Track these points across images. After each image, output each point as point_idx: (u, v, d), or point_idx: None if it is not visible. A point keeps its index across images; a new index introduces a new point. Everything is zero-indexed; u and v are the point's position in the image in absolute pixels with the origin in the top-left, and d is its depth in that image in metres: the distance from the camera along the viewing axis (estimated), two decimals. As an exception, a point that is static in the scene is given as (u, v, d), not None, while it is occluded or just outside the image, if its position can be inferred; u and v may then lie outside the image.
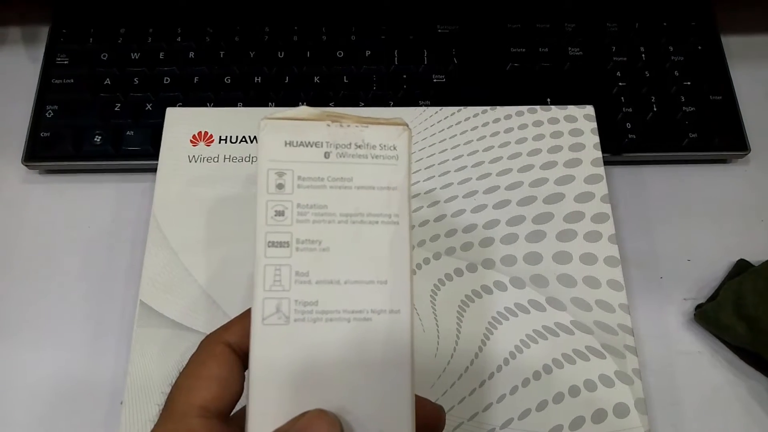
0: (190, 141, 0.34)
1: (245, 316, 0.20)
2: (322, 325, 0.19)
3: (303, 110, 0.20)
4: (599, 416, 0.28)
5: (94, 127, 0.38)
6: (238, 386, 0.20)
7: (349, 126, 0.20)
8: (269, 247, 0.19)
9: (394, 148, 0.20)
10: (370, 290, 0.20)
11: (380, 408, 0.19)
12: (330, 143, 0.20)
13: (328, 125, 0.20)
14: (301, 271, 0.19)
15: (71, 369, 0.33)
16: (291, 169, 0.20)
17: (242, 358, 0.20)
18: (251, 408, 0.19)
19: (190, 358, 0.20)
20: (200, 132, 0.35)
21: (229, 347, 0.20)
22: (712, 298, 0.35)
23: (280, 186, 0.20)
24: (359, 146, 0.20)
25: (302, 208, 0.20)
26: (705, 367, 0.34)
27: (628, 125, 0.39)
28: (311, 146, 0.20)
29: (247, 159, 0.34)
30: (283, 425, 0.18)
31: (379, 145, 0.20)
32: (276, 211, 0.20)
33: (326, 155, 0.20)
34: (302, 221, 0.20)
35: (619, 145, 0.38)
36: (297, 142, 0.20)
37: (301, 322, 0.19)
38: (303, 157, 0.20)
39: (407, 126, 0.21)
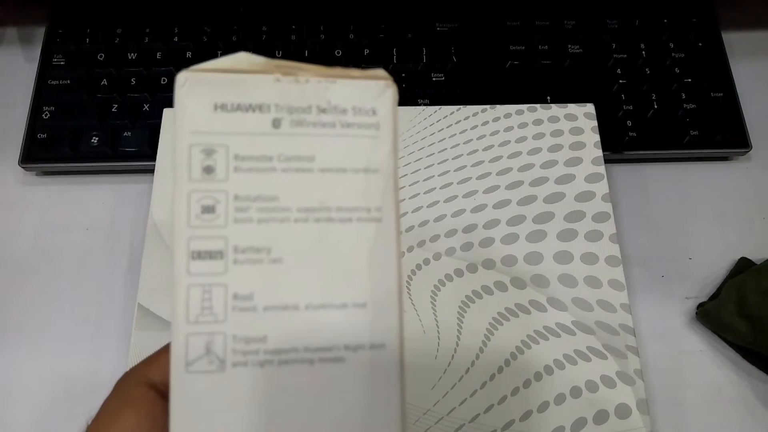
0: (188, 142, 0.34)
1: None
2: (273, 370, 0.14)
3: (241, 58, 0.15)
4: (601, 417, 0.28)
5: (91, 128, 0.38)
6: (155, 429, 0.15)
7: (308, 81, 0.14)
8: (194, 259, 0.14)
9: (374, 113, 0.15)
10: (343, 317, 0.14)
11: None
12: (281, 106, 0.14)
13: (278, 80, 0.14)
14: (242, 294, 0.14)
15: (69, 372, 0.33)
16: (225, 144, 0.14)
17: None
18: None
19: (103, 404, 0.16)
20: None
21: (153, 388, 0.16)
22: (714, 296, 0.35)
23: (208, 169, 0.14)
24: (323, 110, 0.15)
25: (242, 201, 0.14)
26: (707, 367, 0.33)
27: (629, 123, 0.38)
28: (254, 110, 0.14)
29: (245, 160, 0.34)
30: None
31: (352, 109, 0.15)
32: (203, 206, 0.14)
33: (275, 123, 0.14)
34: (242, 220, 0.14)
35: (619, 143, 0.38)
36: (233, 106, 0.14)
37: (242, 367, 0.14)
38: (242, 127, 0.14)
39: (391, 80, 0.15)
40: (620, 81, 0.40)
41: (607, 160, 0.34)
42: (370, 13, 0.42)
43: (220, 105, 0.14)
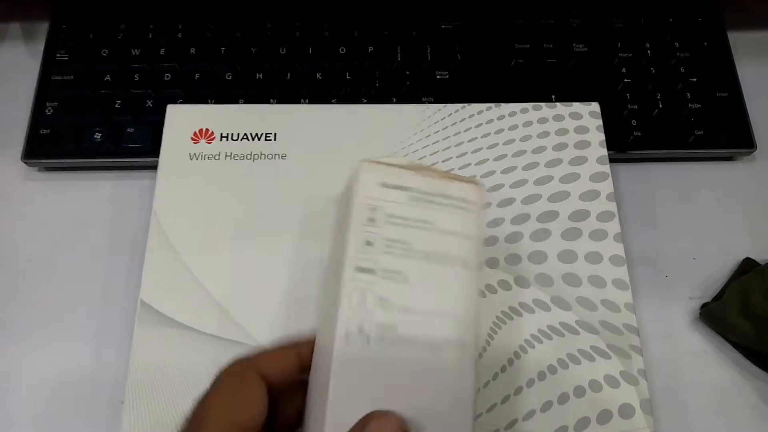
0: (191, 138, 0.34)
1: (279, 351, 0.23)
2: (399, 348, 0.21)
3: (397, 159, 0.24)
4: (604, 417, 0.28)
5: (95, 124, 0.38)
6: (266, 411, 0.21)
7: (435, 178, 0.24)
8: (357, 271, 0.22)
9: (471, 202, 0.24)
10: (444, 322, 0.22)
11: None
12: (419, 190, 0.23)
13: (419, 175, 0.23)
14: (384, 297, 0.21)
15: (72, 368, 0.33)
16: (383, 206, 0.23)
17: (269, 388, 0.22)
18: (329, 413, 0.20)
19: (220, 379, 0.22)
20: (201, 129, 0.34)
21: (264, 379, 0.22)
22: (718, 297, 0.34)
23: (371, 220, 0.22)
24: (443, 196, 0.23)
25: (389, 241, 0.22)
26: (711, 367, 0.33)
27: (634, 122, 0.38)
28: (402, 190, 0.23)
29: (248, 157, 0.34)
30: (354, 426, 0.19)
31: (458, 198, 0.24)
32: (367, 241, 0.22)
33: (414, 199, 0.23)
34: (388, 253, 0.22)
35: (624, 142, 0.38)
36: (391, 185, 0.23)
37: (379, 343, 0.21)
38: (394, 198, 0.23)
39: (482, 185, 0.25)
40: (625, 80, 0.39)
41: (611, 160, 0.34)
42: (375, 11, 0.42)
43: (383, 183, 0.23)
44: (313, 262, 0.31)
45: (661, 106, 0.39)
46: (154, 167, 0.34)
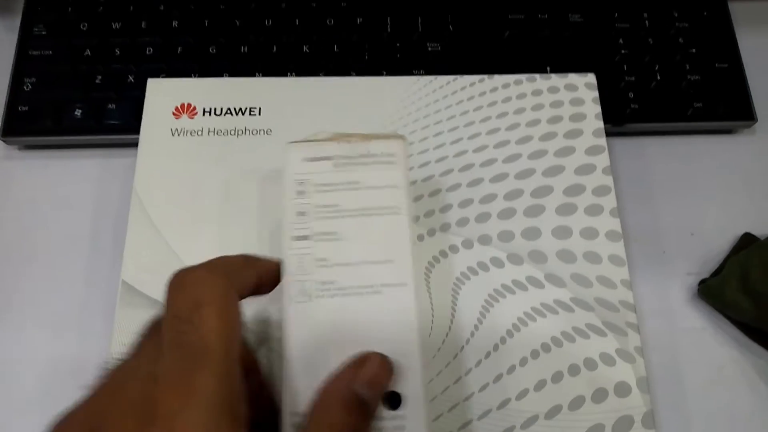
0: (173, 113, 0.33)
1: (241, 262, 0.23)
2: (339, 299, 0.23)
3: (317, 134, 0.26)
4: (600, 396, 0.27)
5: (75, 101, 0.37)
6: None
7: (355, 142, 0.25)
8: (293, 240, 0.24)
9: (393, 155, 0.25)
10: (379, 269, 0.24)
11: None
12: (340, 156, 0.25)
13: (338, 143, 0.25)
14: (321, 258, 0.24)
15: (55, 350, 0.32)
16: (310, 179, 0.25)
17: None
18: (286, 371, 0.22)
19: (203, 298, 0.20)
20: (183, 104, 0.33)
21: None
22: (717, 273, 0.34)
23: (301, 193, 0.25)
24: (364, 156, 0.25)
25: (320, 208, 0.24)
26: (708, 344, 0.33)
27: (631, 95, 0.37)
28: (326, 160, 0.25)
29: (233, 132, 0.32)
30: (344, 369, 0.21)
31: (380, 153, 0.25)
32: (298, 211, 0.24)
33: (337, 165, 0.25)
34: (320, 218, 0.24)
35: (620, 115, 0.37)
36: (314, 158, 0.25)
37: (321, 299, 0.23)
38: (319, 169, 0.25)
39: (403, 137, 0.26)
40: (622, 51, 0.38)
41: (607, 134, 0.33)
42: (364, -19, 0.40)
43: (306, 158, 0.25)
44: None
45: (659, 77, 0.38)
46: (137, 144, 0.32)
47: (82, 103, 0.36)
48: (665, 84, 0.38)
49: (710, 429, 0.31)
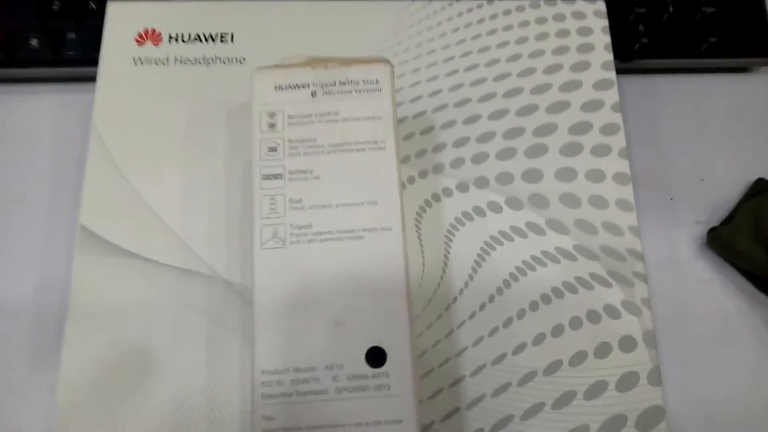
0: (136, 40, 0.29)
1: None
2: (316, 245, 0.21)
3: (290, 58, 0.23)
4: (603, 351, 0.25)
5: (29, 29, 0.33)
6: None
7: (333, 67, 0.23)
8: (264, 179, 0.22)
9: (377, 82, 0.23)
10: (361, 211, 0.21)
11: (377, 320, 0.21)
12: (316, 83, 0.23)
13: (314, 68, 0.23)
14: (295, 199, 0.21)
15: (13, 298, 0.29)
16: (281, 109, 0.22)
17: None
18: (257, 326, 0.20)
19: None
20: (147, 30, 0.30)
21: None
22: (727, 221, 0.32)
23: (271, 126, 0.22)
24: (343, 83, 0.23)
25: (293, 143, 0.22)
26: (717, 296, 0.31)
27: (641, 28, 0.34)
28: (299, 88, 0.23)
29: (202, 61, 0.29)
30: None
31: (362, 80, 0.23)
32: (269, 147, 0.22)
33: (313, 94, 0.23)
34: (293, 154, 0.22)
35: (629, 50, 0.34)
36: (286, 85, 0.23)
37: (296, 245, 0.21)
38: (292, 99, 0.22)
39: (388, 61, 0.23)
40: (633, -21, 0.35)
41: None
42: None
43: (278, 86, 0.23)
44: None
45: (671, 9, 0.34)
46: (95, 76, 0.29)
47: (38, 32, 0.33)
48: (678, 16, 0.34)
49: (716, 384, 0.29)
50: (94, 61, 0.32)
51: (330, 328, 0.21)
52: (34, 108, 0.33)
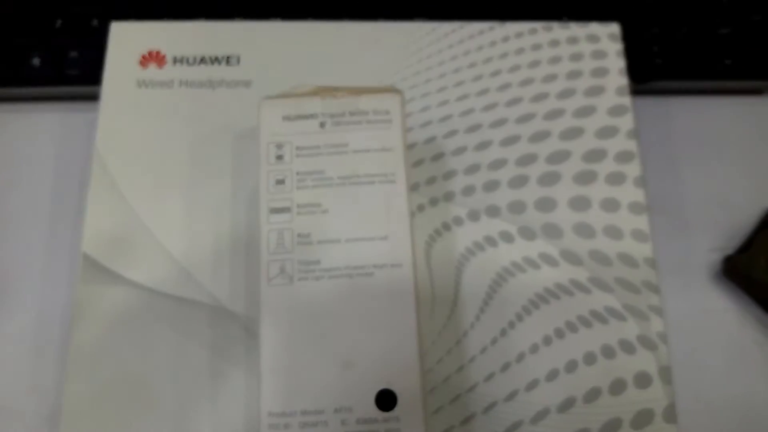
0: (139, 62, 0.29)
1: None
2: (325, 282, 0.21)
3: (298, 87, 0.23)
4: (618, 387, 0.25)
5: (31, 48, 0.33)
6: None
7: (342, 97, 0.22)
8: (271, 213, 0.21)
9: (387, 112, 0.22)
10: (370, 247, 0.21)
11: (387, 361, 0.20)
12: (325, 114, 0.22)
13: (323, 98, 0.22)
14: (303, 234, 0.21)
15: (10, 329, 0.29)
16: (290, 140, 0.22)
17: None
18: (263, 366, 0.20)
19: None
20: (151, 51, 0.29)
21: None
22: (744, 249, 0.31)
23: (279, 157, 0.22)
24: (353, 114, 0.22)
25: (301, 175, 0.22)
26: (732, 327, 0.30)
27: (655, 48, 0.33)
28: (307, 118, 0.22)
29: (207, 84, 0.28)
30: None
31: (372, 111, 0.22)
32: (276, 179, 0.22)
33: (322, 125, 0.22)
34: (301, 187, 0.21)
35: (643, 71, 0.33)
36: (294, 116, 0.22)
37: (304, 281, 0.21)
38: (301, 129, 0.22)
39: (399, 91, 0.23)
40: (647, -1, 0.34)
41: (628, 92, 0.29)
42: None
43: (286, 116, 0.22)
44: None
45: (686, 30, 0.34)
46: (98, 97, 0.29)
47: (41, 50, 0.33)
48: (693, 37, 0.34)
49: (731, 419, 0.29)
50: (96, 80, 0.32)
51: (339, 370, 0.20)
52: (36, 127, 0.33)
